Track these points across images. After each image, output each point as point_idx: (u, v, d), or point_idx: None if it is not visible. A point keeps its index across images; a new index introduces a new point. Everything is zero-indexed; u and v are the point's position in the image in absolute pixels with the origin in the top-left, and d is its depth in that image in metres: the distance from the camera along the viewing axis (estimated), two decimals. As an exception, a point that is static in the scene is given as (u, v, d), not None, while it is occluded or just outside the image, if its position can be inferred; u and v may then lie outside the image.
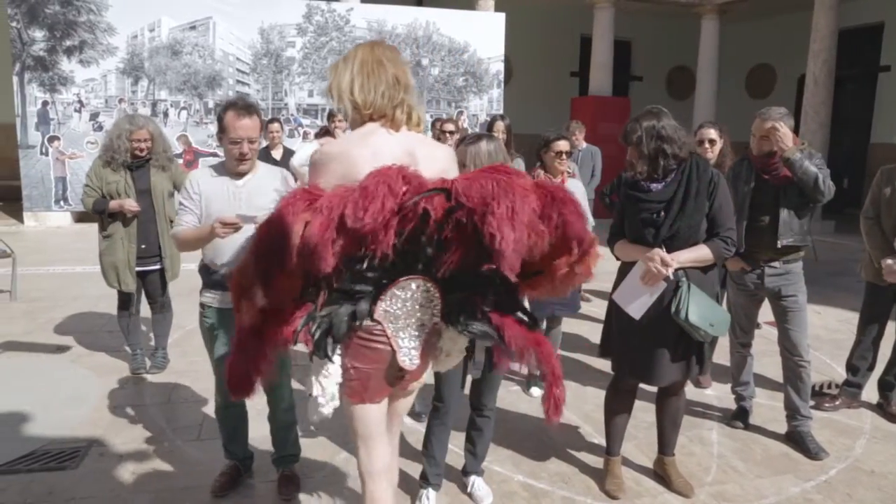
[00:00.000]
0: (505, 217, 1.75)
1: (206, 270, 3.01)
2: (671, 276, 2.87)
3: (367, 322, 1.95)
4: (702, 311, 2.87)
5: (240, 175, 2.97)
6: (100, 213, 4.39)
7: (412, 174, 1.87)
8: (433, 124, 6.13)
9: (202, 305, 3.04)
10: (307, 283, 1.92)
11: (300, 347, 2.05)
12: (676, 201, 2.91)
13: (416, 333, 1.98)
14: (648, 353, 3.01)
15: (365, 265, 1.87)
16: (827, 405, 4.21)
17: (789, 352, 3.72)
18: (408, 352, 1.99)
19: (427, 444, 3.10)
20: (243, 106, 2.92)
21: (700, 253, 2.93)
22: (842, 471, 3.49)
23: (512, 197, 1.78)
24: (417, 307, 1.95)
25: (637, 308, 2.98)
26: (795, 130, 3.53)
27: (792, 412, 3.76)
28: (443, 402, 3.05)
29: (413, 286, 1.92)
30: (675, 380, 3.08)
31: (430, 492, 3.08)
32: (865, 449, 3.73)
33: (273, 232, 1.85)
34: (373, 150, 2.00)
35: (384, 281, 1.92)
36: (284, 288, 1.90)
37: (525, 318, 2.02)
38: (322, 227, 1.78)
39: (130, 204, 4.29)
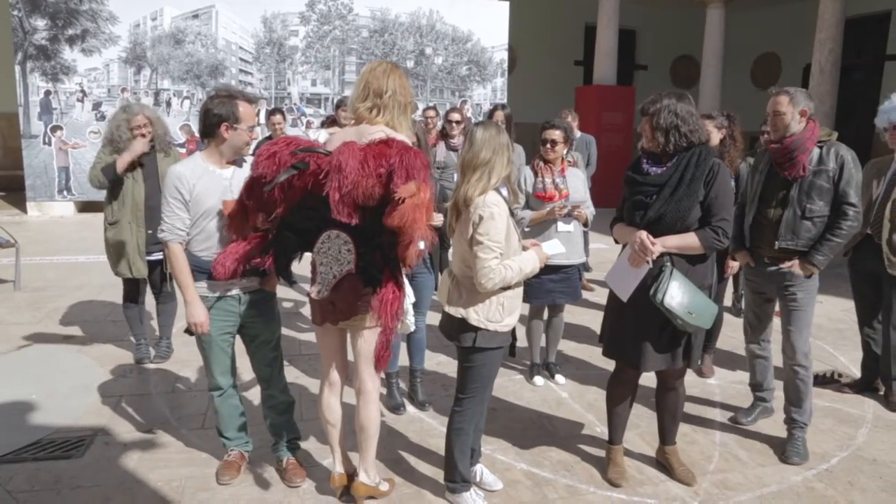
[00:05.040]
0: (333, 172, 2.41)
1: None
2: (650, 260, 2.88)
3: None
4: (682, 298, 2.84)
5: (227, 166, 2.99)
6: (111, 179, 4.25)
7: (306, 142, 2.62)
8: (446, 115, 6.03)
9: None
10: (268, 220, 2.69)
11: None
12: (669, 186, 2.91)
13: (332, 273, 2.53)
14: (633, 336, 3.02)
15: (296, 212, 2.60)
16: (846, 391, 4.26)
17: (786, 355, 3.55)
18: (319, 285, 2.53)
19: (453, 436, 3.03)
20: (250, 95, 3.05)
21: (687, 240, 2.91)
22: (843, 459, 3.50)
23: (338, 157, 2.43)
24: (337, 252, 2.54)
25: (623, 289, 3.01)
26: (811, 117, 3.36)
27: (787, 415, 3.60)
28: (465, 393, 2.94)
29: (333, 234, 2.51)
30: (660, 367, 3.07)
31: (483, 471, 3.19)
32: (867, 438, 3.74)
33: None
34: (338, 135, 2.80)
35: (319, 226, 2.57)
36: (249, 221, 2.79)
37: (396, 276, 2.62)
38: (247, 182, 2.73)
39: (138, 144, 4.23)
